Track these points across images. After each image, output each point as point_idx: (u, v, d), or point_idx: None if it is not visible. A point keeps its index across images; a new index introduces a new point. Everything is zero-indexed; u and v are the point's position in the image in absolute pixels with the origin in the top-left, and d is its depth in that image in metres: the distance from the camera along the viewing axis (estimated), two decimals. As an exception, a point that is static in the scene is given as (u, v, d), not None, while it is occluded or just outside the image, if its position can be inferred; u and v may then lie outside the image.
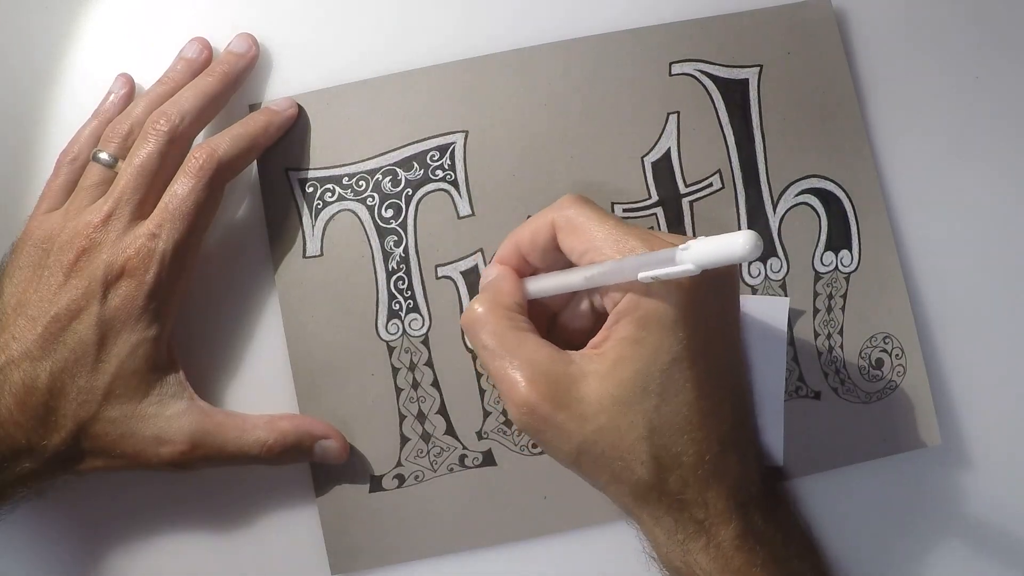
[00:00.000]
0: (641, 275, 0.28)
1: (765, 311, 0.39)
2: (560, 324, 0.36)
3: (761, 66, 0.41)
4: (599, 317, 0.35)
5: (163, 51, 0.40)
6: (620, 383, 0.30)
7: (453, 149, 0.39)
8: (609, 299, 0.32)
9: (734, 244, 0.25)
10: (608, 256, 0.31)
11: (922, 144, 0.41)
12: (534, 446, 0.39)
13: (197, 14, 0.40)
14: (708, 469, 0.31)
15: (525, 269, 0.35)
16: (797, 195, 0.40)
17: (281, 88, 0.40)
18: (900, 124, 0.41)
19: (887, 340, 0.40)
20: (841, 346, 0.40)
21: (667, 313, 0.30)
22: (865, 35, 0.41)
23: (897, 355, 0.40)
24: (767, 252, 0.40)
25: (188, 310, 0.38)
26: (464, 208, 0.39)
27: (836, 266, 0.40)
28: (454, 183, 0.39)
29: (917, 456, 0.40)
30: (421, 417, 0.39)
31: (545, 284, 0.34)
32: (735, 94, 0.40)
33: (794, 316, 0.40)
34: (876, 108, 0.41)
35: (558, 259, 0.34)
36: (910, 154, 0.41)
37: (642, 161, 0.40)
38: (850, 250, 0.40)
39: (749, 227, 0.40)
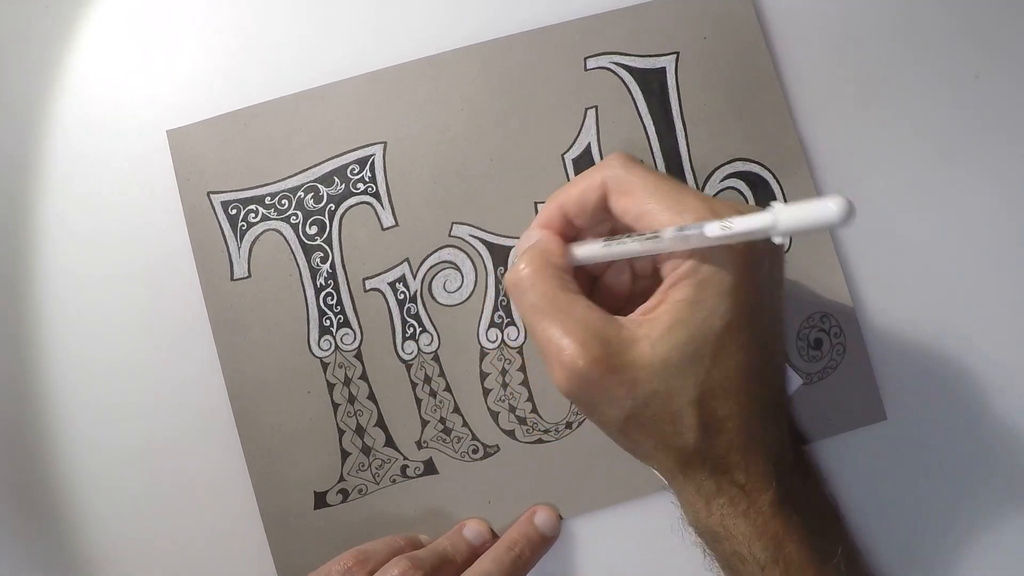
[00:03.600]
0: (709, 232, 0.27)
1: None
2: (599, 289, 0.35)
3: (677, 53, 0.40)
4: (637, 285, 0.35)
5: (162, 51, 0.40)
6: (674, 347, 0.30)
7: (373, 161, 0.39)
8: (668, 264, 0.31)
9: (826, 211, 0.23)
10: (668, 219, 0.30)
11: (847, 119, 0.41)
12: (474, 452, 0.39)
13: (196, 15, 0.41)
14: (751, 433, 0.31)
15: (569, 231, 0.34)
16: (723, 180, 0.40)
17: (196, 111, 0.40)
18: (823, 100, 0.41)
19: (824, 319, 0.40)
20: (778, 329, 0.40)
21: (725, 278, 0.30)
22: (781, 12, 0.41)
23: (836, 333, 0.40)
24: (696, 240, 0.40)
25: (120, 339, 0.39)
26: (387, 219, 0.39)
27: (767, 249, 0.40)
28: (376, 195, 0.39)
29: (865, 434, 0.40)
30: (360, 431, 0.39)
31: (593, 251, 0.32)
32: (653, 84, 0.40)
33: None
34: (798, 86, 0.41)
35: (604, 219, 0.33)
36: (835, 130, 0.41)
37: (563, 159, 0.40)
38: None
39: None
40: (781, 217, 0.25)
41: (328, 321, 0.39)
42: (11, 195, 0.39)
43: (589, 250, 0.33)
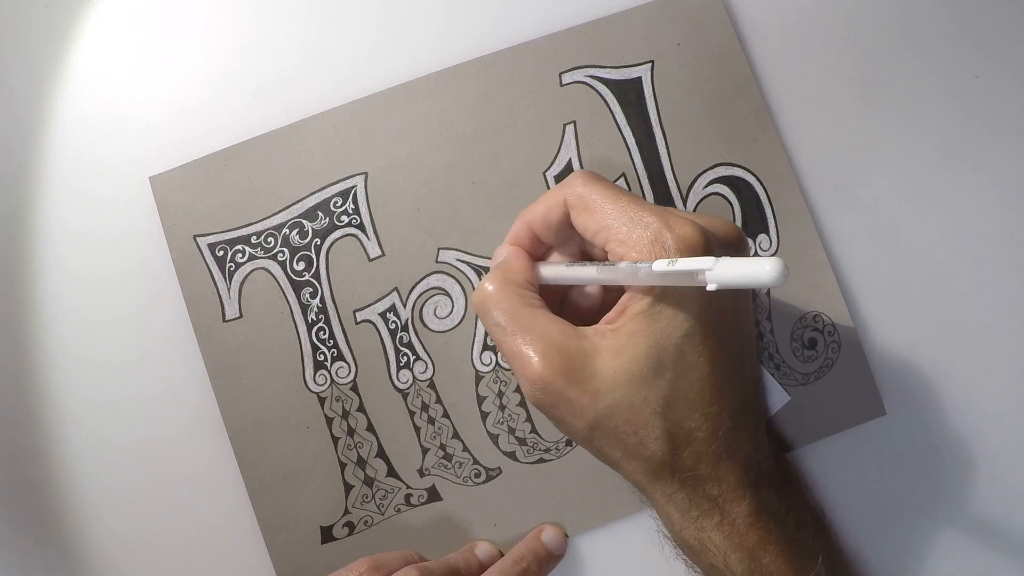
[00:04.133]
0: (656, 268, 0.28)
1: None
2: (570, 302, 0.36)
3: (652, 62, 0.40)
4: (608, 295, 0.35)
5: (162, 52, 0.40)
6: (634, 358, 0.30)
7: (355, 192, 0.39)
8: None
9: (760, 271, 0.25)
10: (624, 234, 0.30)
11: (841, 117, 0.41)
12: (477, 476, 0.39)
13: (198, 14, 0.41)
14: (721, 444, 0.31)
15: (538, 247, 0.36)
16: (706, 186, 0.40)
17: (178, 155, 0.40)
18: (801, 98, 0.40)
19: (817, 318, 0.40)
20: (771, 331, 0.40)
21: (681, 288, 0.30)
22: (753, 13, 0.41)
23: (829, 332, 0.40)
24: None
25: (116, 388, 0.39)
26: (374, 250, 0.39)
27: (755, 251, 0.40)
28: (360, 226, 0.39)
29: (864, 431, 0.39)
30: (361, 463, 0.39)
31: (557, 272, 0.34)
32: (629, 94, 0.40)
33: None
34: (775, 85, 0.40)
35: (572, 235, 0.34)
36: (824, 129, 0.40)
37: (544, 176, 0.40)
38: (768, 233, 0.40)
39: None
40: (721, 264, 0.26)
41: (322, 355, 0.39)
42: (9, 195, 0.39)
43: (554, 271, 0.34)
